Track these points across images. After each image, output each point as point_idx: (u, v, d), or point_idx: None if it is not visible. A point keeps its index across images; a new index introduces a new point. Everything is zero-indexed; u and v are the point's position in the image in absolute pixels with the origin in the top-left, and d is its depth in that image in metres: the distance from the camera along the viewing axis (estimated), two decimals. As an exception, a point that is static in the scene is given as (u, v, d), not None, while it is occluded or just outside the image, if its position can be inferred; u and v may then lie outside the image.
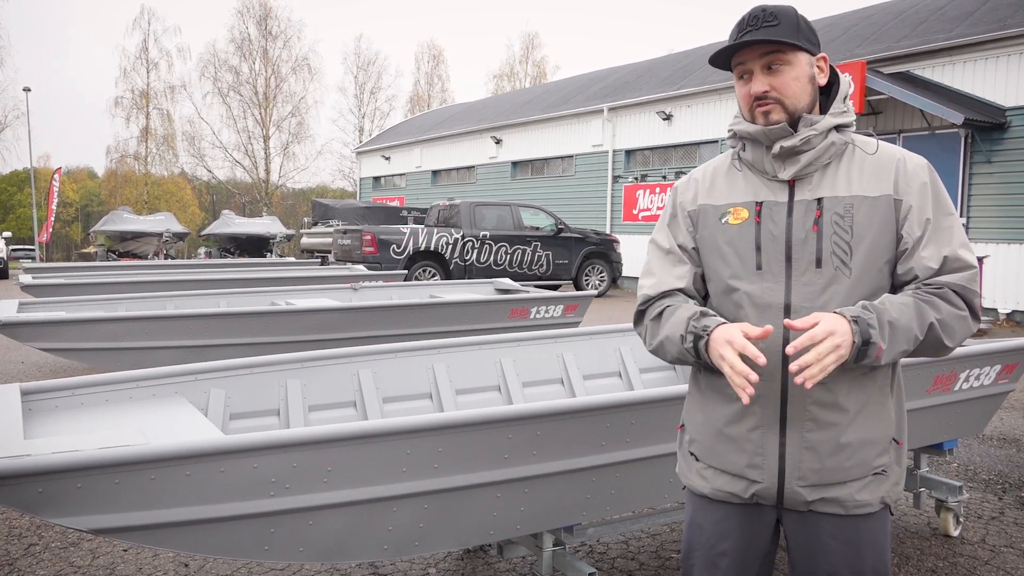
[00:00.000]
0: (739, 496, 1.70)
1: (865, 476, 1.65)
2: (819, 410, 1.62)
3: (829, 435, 1.62)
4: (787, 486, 1.65)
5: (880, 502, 1.67)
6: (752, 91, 1.66)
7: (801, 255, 1.63)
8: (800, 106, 1.65)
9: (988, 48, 12.39)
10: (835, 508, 1.64)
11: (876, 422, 1.65)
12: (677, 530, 3.66)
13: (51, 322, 6.19)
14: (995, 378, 3.51)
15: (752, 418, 1.67)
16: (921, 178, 1.64)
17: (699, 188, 1.79)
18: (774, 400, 1.64)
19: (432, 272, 14.43)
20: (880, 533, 1.68)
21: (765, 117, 1.66)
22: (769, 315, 1.64)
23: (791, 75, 1.64)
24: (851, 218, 1.61)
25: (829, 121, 1.65)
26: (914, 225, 1.61)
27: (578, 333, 4.07)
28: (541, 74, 50.02)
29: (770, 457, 1.65)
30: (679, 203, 1.81)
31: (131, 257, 22.70)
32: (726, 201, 1.73)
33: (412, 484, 2.27)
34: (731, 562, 1.73)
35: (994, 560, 3.37)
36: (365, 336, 6.58)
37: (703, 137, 17.36)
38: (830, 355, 1.46)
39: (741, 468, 1.69)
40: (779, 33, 1.61)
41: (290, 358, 3.27)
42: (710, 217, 1.74)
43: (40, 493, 1.88)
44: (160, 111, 42.62)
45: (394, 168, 29.80)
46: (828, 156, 1.66)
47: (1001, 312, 11.99)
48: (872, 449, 1.65)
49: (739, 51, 1.66)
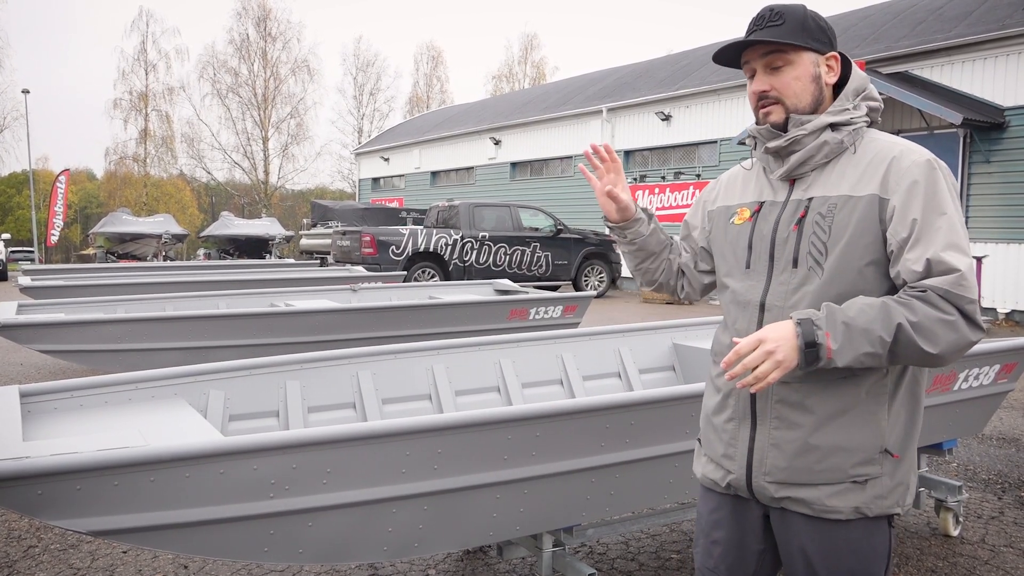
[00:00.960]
0: (718, 484, 1.75)
1: (840, 482, 1.59)
2: (784, 409, 1.63)
3: (795, 435, 1.62)
4: (754, 479, 1.67)
5: (855, 511, 1.60)
6: (753, 89, 1.70)
7: (781, 254, 1.65)
8: (801, 105, 1.65)
9: (987, 48, 12.40)
10: (803, 508, 1.63)
11: (858, 430, 1.59)
12: (677, 531, 3.66)
13: (50, 324, 6.19)
14: (994, 378, 3.51)
15: (728, 410, 1.73)
16: (912, 176, 1.56)
17: (720, 189, 1.88)
18: (745, 394, 1.68)
19: (431, 273, 14.43)
20: (863, 544, 1.62)
21: (765, 118, 1.68)
22: (747, 312, 1.70)
23: (792, 75, 1.64)
24: (831, 218, 1.60)
25: (822, 120, 1.63)
26: (899, 226, 1.54)
27: (577, 334, 4.07)
28: (540, 75, 50.00)
29: (740, 449, 1.69)
30: (703, 200, 1.94)
31: (130, 259, 22.68)
32: (737, 202, 1.80)
33: (411, 485, 2.27)
34: (723, 552, 1.76)
35: (994, 560, 3.37)
36: (364, 337, 6.58)
37: (702, 138, 17.36)
38: (764, 363, 1.48)
39: (719, 457, 1.75)
40: (779, 33, 1.61)
41: (289, 359, 3.27)
42: (722, 218, 1.82)
43: (39, 495, 1.88)
44: (159, 113, 42.61)
45: (393, 169, 29.80)
46: (823, 155, 1.65)
47: (1000, 312, 12.00)
48: (849, 456, 1.59)
49: (745, 50, 1.68)
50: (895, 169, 1.58)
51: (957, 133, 12.33)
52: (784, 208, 1.67)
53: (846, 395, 1.60)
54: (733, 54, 1.70)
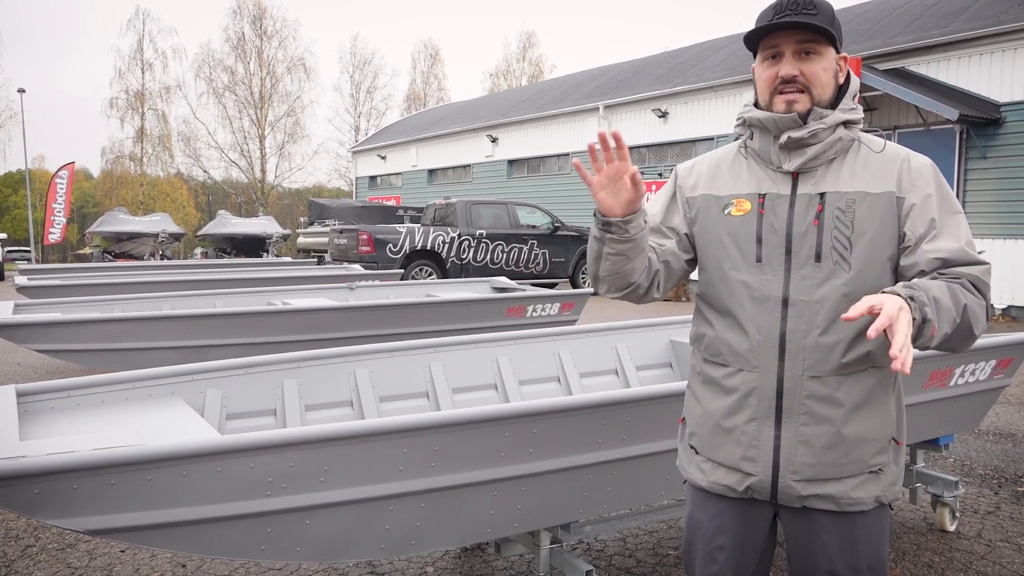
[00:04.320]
0: (734, 489, 1.70)
1: (861, 473, 1.64)
2: (815, 404, 1.62)
3: (824, 429, 1.62)
4: (781, 479, 1.64)
5: (875, 500, 1.66)
6: (782, 73, 1.64)
7: (801, 248, 1.63)
8: (825, 97, 1.65)
9: (983, 44, 12.41)
10: (829, 504, 1.64)
11: (876, 419, 1.64)
12: (674, 527, 3.66)
13: (47, 323, 6.18)
14: (990, 373, 3.52)
15: (748, 410, 1.67)
16: (925, 176, 1.63)
17: (701, 177, 1.80)
18: (769, 392, 1.64)
19: (428, 271, 14.43)
20: (877, 529, 1.68)
21: (788, 105, 1.64)
22: (767, 307, 1.65)
23: (821, 65, 1.64)
24: (852, 213, 1.61)
25: (838, 116, 1.65)
26: (917, 223, 1.60)
27: (575, 331, 4.07)
28: (538, 72, 49.95)
29: (764, 450, 1.65)
30: (680, 186, 1.83)
31: (127, 258, 22.64)
32: (729, 192, 1.73)
33: (409, 483, 2.27)
34: (728, 556, 1.74)
35: (990, 555, 3.38)
36: (362, 335, 6.58)
37: (699, 134, 17.36)
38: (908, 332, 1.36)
39: (736, 460, 1.69)
40: (819, 21, 1.60)
41: (286, 358, 3.26)
42: (712, 208, 1.74)
43: (36, 494, 1.88)
44: (155, 112, 42.56)
45: (390, 167, 29.77)
46: (834, 151, 1.66)
47: (996, 307, 12.02)
48: (870, 447, 1.64)
49: (773, 33, 1.64)
50: (907, 170, 1.64)
51: (953, 129, 12.34)
52: (794, 202, 1.66)
53: (866, 386, 1.64)
54: (763, 35, 1.65)
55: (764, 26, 1.63)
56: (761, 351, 1.64)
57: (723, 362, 1.71)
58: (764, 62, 1.68)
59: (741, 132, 1.77)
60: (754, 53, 1.71)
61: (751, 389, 1.66)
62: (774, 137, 1.67)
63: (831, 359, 1.61)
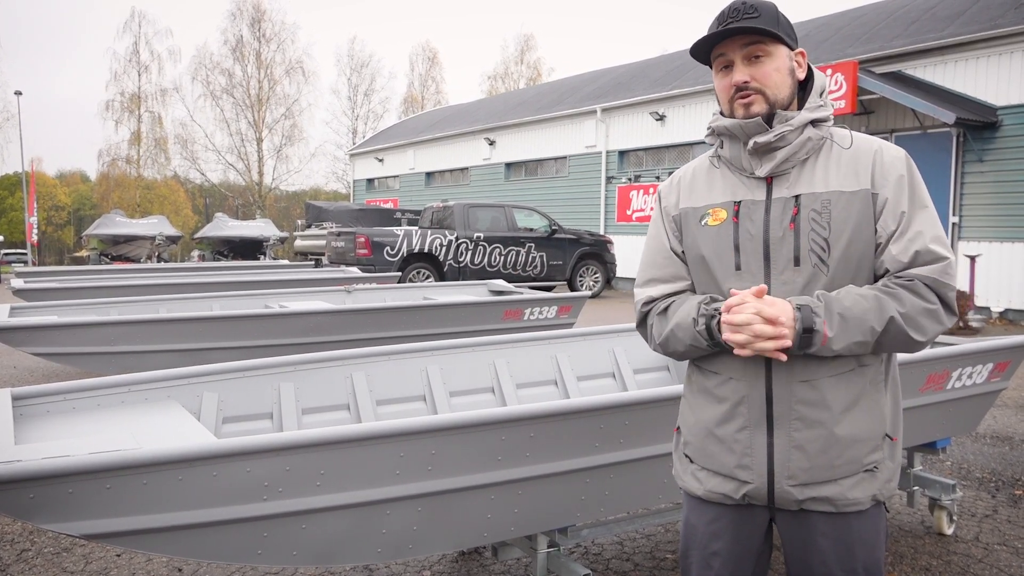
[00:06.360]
0: (731, 497, 1.70)
1: (856, 473, 1.63)
2: (805, 408, 1.62)
3: (817, 433, 1.62)
4: (777, 486, 1.64)
5: (872, 499, 1.65)
6: (734, 80, 1.66)
7: (779, 254, 1.63)
8: (781, 97, 1.65)
9: (979, 47, 12.44)
10: (826, 507, 1.64)
11: (867, 418, 1.64)
12: (672, 531, 3.66)
13: (43, 326, 6.16)
14: (987, 376, 3.52)
15: (739, 419, 1.67)
16: (898, 170, 1.62)
17: (680, 191, 1.80)
18: (759, 400, 1.64)
19: (426, 274, 14.42)
20: (872, 530, 1.67)
21: (746, 109, 1.65)
22: None
23: (772, 66, 1.64)
24: (828, 214, 1.60)
25: (804, 116, 1.65)
26: (888, 219, 1.60)
27: (572, 334, 4.07)
28: (536, 75, 50.01)
29: (759, 457, 1.65)
30: (664, 208, 1.83)
31: (124, 261, 22.63)
32: (705, 203, 1.74)
33: (406, 487, 2.27)
34: (724, 562, 1.74)
35: (987, 558, 3.38)
36: (359, 339, 6.57)
37: (696, 137, 17.38)
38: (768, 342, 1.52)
39: (731, 469, 1.68)
40: (760, 24, 1.62)
41: (283, 361, 3.26)
42: (691, 220, 1.75)
43: (32, 499, 1.87)
44: (152, 114, 42.54)
45: (387, 170, 29.78)
46: (805, 152, 1.66)
47: (994, 311, 12.03)
48: (863, 446, 1.63)
49: (720, 43, 1.66)
50: (879, 163, 1.64)
51: (950, 132, 12.36)
52: (769, 207, 1.65)
53: (855, 385, 1.63)
54: (709, 47, 1.68)
55: (706, 37, 1.65)
56: (748, 359, 1.64)
57: (715, 370, 1.72)
58: (719, 73, 1.70)
59: (712, 142, 1.78)
60: (710, 66, 1.72)
61: (741, 398, 1.66)
62: (743, 143, 1.68)
63: (817, 363, 1.60)
